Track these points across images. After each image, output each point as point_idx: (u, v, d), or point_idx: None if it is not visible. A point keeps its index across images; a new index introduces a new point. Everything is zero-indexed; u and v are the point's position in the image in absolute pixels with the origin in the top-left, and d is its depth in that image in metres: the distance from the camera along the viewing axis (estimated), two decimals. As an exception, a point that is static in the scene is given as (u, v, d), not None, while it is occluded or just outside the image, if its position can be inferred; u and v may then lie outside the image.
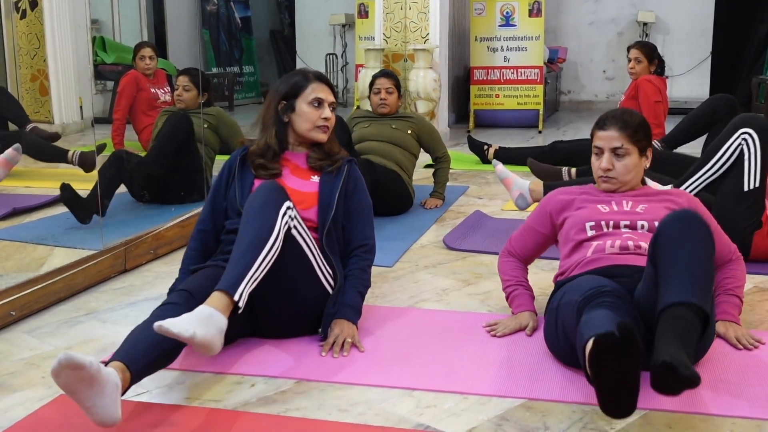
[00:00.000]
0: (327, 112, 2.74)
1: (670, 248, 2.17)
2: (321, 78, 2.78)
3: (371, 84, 4.79)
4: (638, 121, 2.70)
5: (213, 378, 2.35)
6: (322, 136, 2.75)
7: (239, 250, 2.33)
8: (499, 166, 4.17)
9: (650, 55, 5.54)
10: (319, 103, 2.73)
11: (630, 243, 2.53)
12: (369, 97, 4.85)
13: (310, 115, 2.72)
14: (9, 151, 4.10)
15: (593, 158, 2.74)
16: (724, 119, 4.19)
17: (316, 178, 2.75)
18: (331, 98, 2.77)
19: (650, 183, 2.95)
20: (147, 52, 5.74)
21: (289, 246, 2.43)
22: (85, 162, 4.42)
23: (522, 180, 4.02)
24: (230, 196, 2.73)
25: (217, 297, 2.22)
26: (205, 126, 4.68)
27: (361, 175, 2.83)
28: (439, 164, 4.79)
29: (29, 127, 4.57)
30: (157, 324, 2.05)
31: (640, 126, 2.69)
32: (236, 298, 2.22)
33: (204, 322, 2.12)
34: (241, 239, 2.36)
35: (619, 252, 2.53)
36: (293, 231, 2.46)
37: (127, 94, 5.62)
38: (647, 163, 2.74)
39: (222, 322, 2.17)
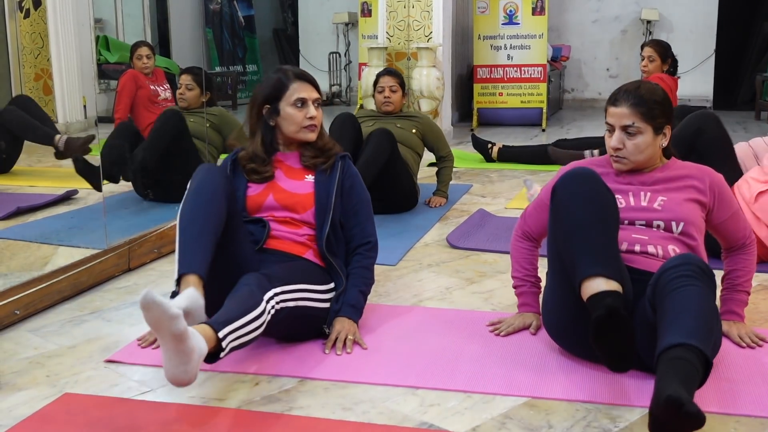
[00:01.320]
0: (312, 110, 2.69)
1: (672, 293, 2.11)
2: (301, 76, 2.72)
3: (375, 82, 4.80)
4: (655, 97, 2.49)
5: (216, 376, 2.36)
6: (311, 136, 2.71)
7: (229, 304, 2.25)
8: (531, 193, 4.12)
9: (664, 54, 5.54)
10: (302, 103, 2.68)
11: (637, 247, 2.45)
12: (373, 96, 4.86)
13: (296, 117, 2.68)
14: None
15: (606, 135, 2.58)
16: (713, 140, 3.89)
17: (310, 177, 2.71)
18: (314, 95, 2.71)
19: None
20: (144, 51, 5.74)
21: (281, 312, 2.39)
22: (71, 148, 4.40)
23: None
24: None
25: (203, 330, 2.09)
26: (208, 125, 4.69)
27: (356, 171, 2.79)
28: (443, 163, 4.79)
29: (62, 138, 4.56)
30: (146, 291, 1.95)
31: (657, 103, 2.48)
32: (221, 335, 2.10)
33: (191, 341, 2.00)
34: (230, 300, 2.28)
35: (625, 252, 2.45)
36: (280, 306, 2.38)
37: (127, 92, 5.62)
38: (665, 142, 2.53)
39: (203, 345, 2.04)
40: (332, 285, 2.65)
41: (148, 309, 1.90)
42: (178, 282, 2.31)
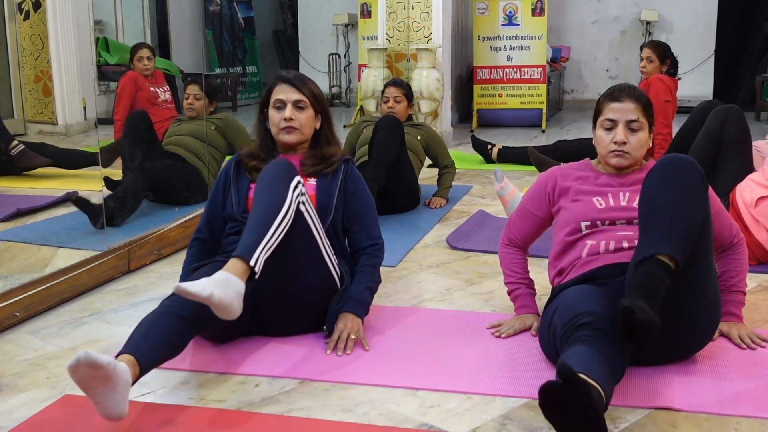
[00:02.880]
0: (287, 112, 2.69)
1: (650, 197, 2.21)
2: (284, 78, 2.74)
3: (382, 92, 4.89)
4: (647, 96, 2.64)
5: (217, 378, 2.36)
6: (287, 137, 2.71)
7: (253, 220, 2.35)
8: (501, 186, 4.04)
9: (662, 55, 5.56)
10: (280, 104, 2.71)
11: (625, 243, 2.47)
12: (378, 106, 4.93)
13: (274, 119, 2.72)
14: None
15: (601, 132, 2.59)
16: (737, 131, 3.94)
17: (312, 181, 2.72)
18: (293, 97, 2.69)
19: None
20: (145, 53, 5.74)
21: (298, 222, 2.43)
22: (23, 160, 4.45)
23: (518, 198, 3.92)
24: (227, 204, 2.72)
25: (233, 263, 2.24)
26: (212, 128, 4.70)
27: (360, 175, 2.81)
28: (446, 170, 4.85)
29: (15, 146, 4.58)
30: (177, 285, 2.10)
31: (649, 102, 2.62)
32: (252, 263, 2.25)
33: (222, 284, 2.16)
34: (255, 210, 2.37)
35: (613, 251, 2.46)
36: (302, 207, 2.46)
37: (126, 94, 5.62)
38: (650, 143, 2.64)
39: (239, 285, 2.20)
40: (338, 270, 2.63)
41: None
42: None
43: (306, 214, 2.48)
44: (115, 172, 4.30)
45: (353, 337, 2.54)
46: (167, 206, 4.35)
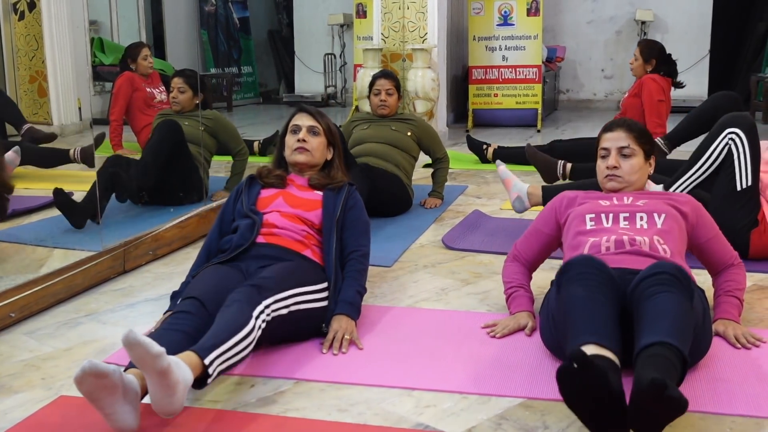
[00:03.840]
0: (301, 134, 2.92)
1: (646, 300, 2.16)
2: (303, 108, 3.01)
3: (371, 84, 4.76)
4: (641, 127, 2.85)
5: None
6: (299, 157, 2.92)
7: (216, 327, 2.22)
8: (502, 167, 4.08)
9: (647, 55, 5.58)
10: (296, 128, 2.94)
11: (625, 238, 2.56)
12: (368, 98, 4.83)
13: (289, 141, 2.95)
14: (9, 154, 4.10)
15: (599, 162, 2.83)
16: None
17: (319, 193, 2.90)
18: (308, 123, 2.94)
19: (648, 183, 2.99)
20: (147, 51, 5.74)
21: (273, 322, 2.39)
22: (87, 156, 4.42)
23: (521, 183, 3.93)
24: (237, 206, 2.87)
25: (188, 355, 2.08)
26: (202, 129, 4.68)
27: (360, 198, 2.94)
28: (439, 164, 4.78)
29: (25, 127, 4.57)
30: (129, 332, 1.93)
31: (643, 132, 2.83)
32: (207, 362, 2.08)
33: (175, 363, 2.00)
34: (218, 321, 2.25)
35: (615, 251, 2.54)
36: (270, 317, 2.38)
37: (123, 94, 5.62)
38: (651, 170, 2.84)
39: (189, 376, 2.02)
40: (326, 285, 2.66)
41: (132, 348, 1.92)
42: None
43: (280, 311, 2.43)
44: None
45: (347, 337, 2.56)
46: (162, 208, 4.34)
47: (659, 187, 3.37)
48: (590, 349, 1.99)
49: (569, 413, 2.10)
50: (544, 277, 3.17)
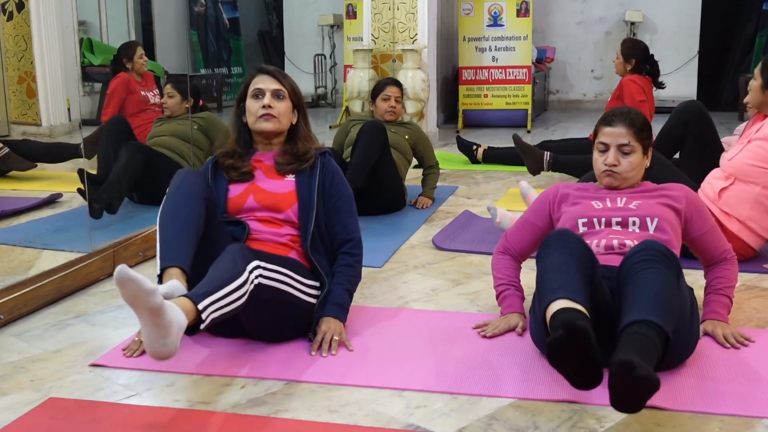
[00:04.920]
0: (266, 99, 2.67)
1: (632, 276, 2.20)
2: (264, 70, 2.75)
3: (380, 90, 4.86)
4: (643, 119, 2.75)
5: (202, 380, 2.35)
6: (265, 125, 2.69)
7: (210, 276, 2.24)
8: (524, 182, 4.14)
9: (626, 54, 5.64)
10: (258, 93, 2.70)
11: (615, 242, 2.56)
12: (374, 102, 4.88)
13: (252, 107, 2.70)
14: None
15: (596, 155, 2.76)
16: (696, 130, 4.27)
17: (291, 177, 2.72)
18: (272, 86, 2.70)
19: None
20: (141, 50, 5.72)
21: (263, 291, 2.38)
22: (6, 162, 4.44)
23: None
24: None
25: (182, 301, 2.10)
26: (195, 128, 4.69)
27: (337, 167, 2.78)
28: (430, 170, 4.89)
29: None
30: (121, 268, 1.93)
31: (645, 125, 2.74)
32: (200, 307, 2.10)
33: (169, 306, 2.01)
34: (212, 270, 2.27)
35: (604, 252, 2.56)
36: (264, 280, 2.38)
37: (117, 96, 5.58)
38: (647, 162, 2.77)
39: (183, 320, 2.03)
40: (318, 284, 2.63)
41: (123, 285, 1.90)
42: (161, 277, 2.32)
43: (269, 283, 2.41)
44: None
45: (336, 338, 2.54)
46: (152, 207, 4.33)
47: None
48: (560, 304, 2.09)
49: (559, 413, 2.12)
50: (533, 277, 3.18)
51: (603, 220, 2.64)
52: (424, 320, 2.85)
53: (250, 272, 2.30)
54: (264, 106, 2.68)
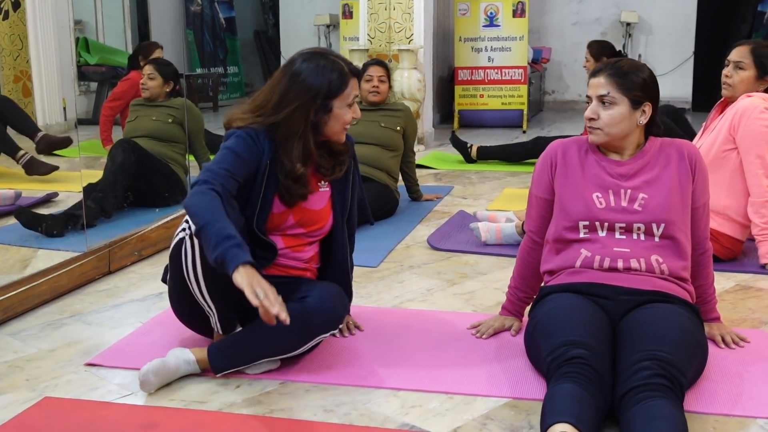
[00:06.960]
0: (358, 109, 2.46)
1: (635, 404, 1.97)
2: (356, 72, 2.47)
3: (362, 71, 4.65)
4: (635, 71, 2.42)
5: (198, 379, 2.35)
6: (343, 137, 2.47)
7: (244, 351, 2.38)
8: (483, 239, 3.87)
9: (596, 54, 5.70)
10: (353, 103, 2.44)
11: (620, 262, 2.40)
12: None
13: (345, 117, 2.40)
14: None
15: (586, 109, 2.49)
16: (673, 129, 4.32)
17: (325, 186, 2.52)
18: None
19: None
20: (161, 52, 5.66)
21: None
22: (32, 168, 4.42)
23: (507, 226, 3.85)
24: (252, 201, 2.39)
25: (201, 352, 2.39)
26: (169, 121, 4.61)
27: (355, 154, 2.60)
28: (408, 163, 4.74)
29: (39, 135, 4.53)
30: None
31: (636, 76, 2.41)
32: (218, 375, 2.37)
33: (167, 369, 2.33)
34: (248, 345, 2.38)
35: (607, 270, 2.40)
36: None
37: (125, 99, 5.53)
38: (644, 119, 2.43)
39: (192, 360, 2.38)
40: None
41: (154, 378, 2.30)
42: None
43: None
44: (97, 173, 4.26)
45: (351, 322, 2.72)
46: (148, 207, 4.32)
47: None
48: (561, 427, 1.86)
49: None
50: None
51: (606, 225, 2.44)
52: (419, 320, 2.86)
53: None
54: (354, 117, 2.45)
